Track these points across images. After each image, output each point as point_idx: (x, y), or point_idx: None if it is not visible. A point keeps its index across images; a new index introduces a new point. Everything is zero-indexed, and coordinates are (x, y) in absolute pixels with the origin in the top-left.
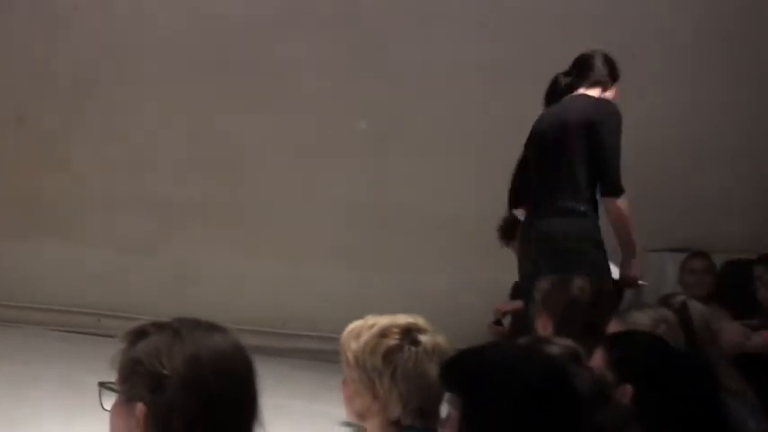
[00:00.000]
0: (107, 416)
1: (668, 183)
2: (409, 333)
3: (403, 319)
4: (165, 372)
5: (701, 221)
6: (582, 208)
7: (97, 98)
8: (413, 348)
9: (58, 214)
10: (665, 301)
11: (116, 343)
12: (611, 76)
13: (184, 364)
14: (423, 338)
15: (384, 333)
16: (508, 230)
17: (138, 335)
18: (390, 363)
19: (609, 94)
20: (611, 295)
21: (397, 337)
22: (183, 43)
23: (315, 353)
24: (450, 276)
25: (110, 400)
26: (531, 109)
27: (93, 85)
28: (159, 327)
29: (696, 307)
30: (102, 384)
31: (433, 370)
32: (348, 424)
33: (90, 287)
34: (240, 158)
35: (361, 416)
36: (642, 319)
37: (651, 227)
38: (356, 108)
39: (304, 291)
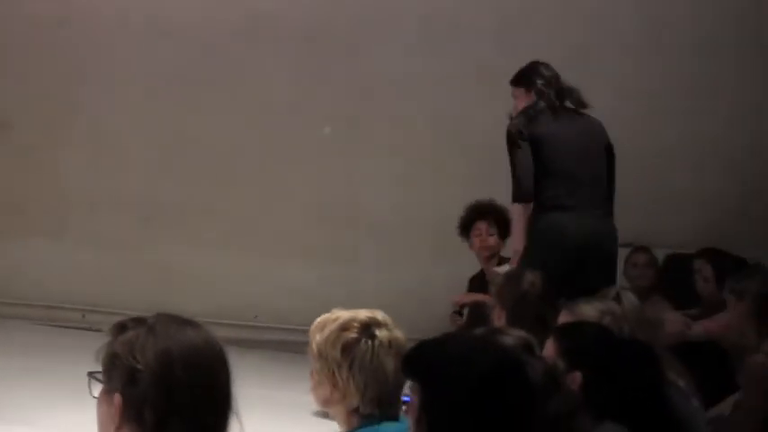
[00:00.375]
0: (87, 404)
1: (619, 185)
2: (368, 328)
3: (364, 314)
4: (139, 366)
5: (644, 218)
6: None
7: (80, 105)
8: (369, 342)
9: (45, 215)
10: (602, 294)
11: (100, 336)
12: None
13: (155, 359)
14: (380, 333)
15: (344, 327)
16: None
17: (120, 329)
18: (348, 355)
19: None
20: None
21: (356, 331)
22: (160, 52)
23: (285, 344)
24: (411, 271)
25: (98, 389)
26: (482, 114)
27: (77, 93)
28: (138, 322)
29: (629, 298)
30: (90, 374)
31: (389, 363)
32: (320, 412)
33: (75, 284)
34: (214, 162)
35: (326, 403)
36: (589, 311)
37: None
38: (322, 114)
39: (275, 286)
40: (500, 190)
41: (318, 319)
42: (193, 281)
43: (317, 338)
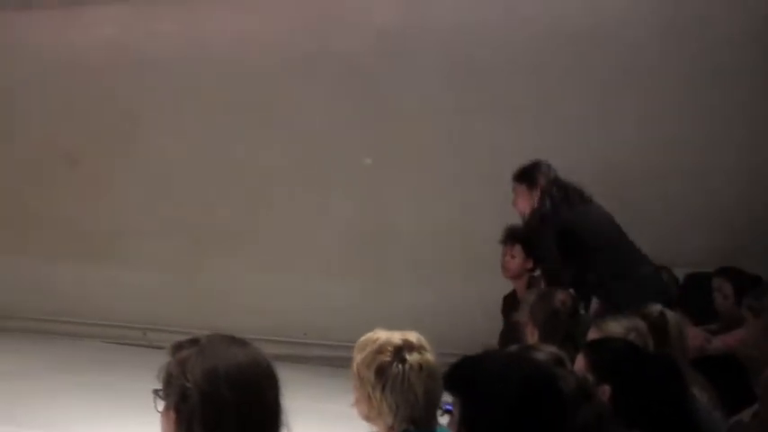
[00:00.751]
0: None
1: (638, 204)
2: (400, 351)
3: (398, 336)
4: (188, 384)
5: (663, 239)
6: None
7: (138, 139)
8: (401, 366)
9: (108, 241)
10: (643, 310)
11: (160, 354)
12: None
13: (203, 377)
14: (411, 357)
15: (380, 350)
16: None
17: (176, 349)
18: (381, 378)
19: None
20: None
21: (389, 354)
22: (209, 87)
23: (331, 359)
24: (445, 288)
25: (161, 405)
26: (505, 141)
27: (134, 128)
28: (192, 342)
29: (672, 315)
30: (154, 392)
31: (419, 385)
32: None
33: (136, 304)
34: (262, 188)
35: (366, 418)
36: (616, 328)
37: None
38: (357, 143)
39: (320, 304)
40: None
41: (361, 339)
42: (246, 300)
43: (356, 359)
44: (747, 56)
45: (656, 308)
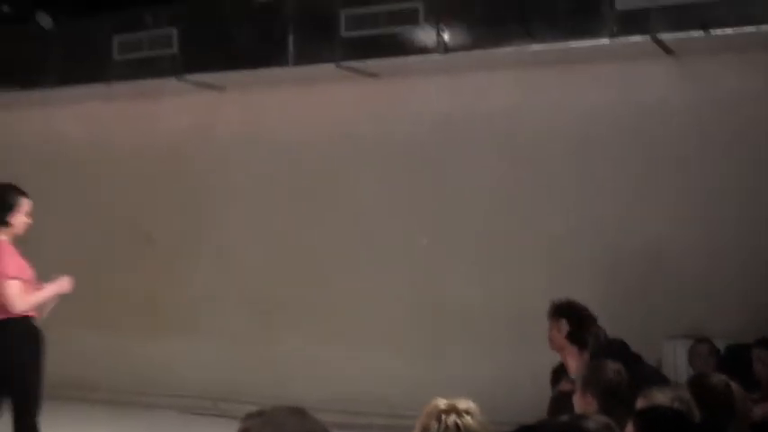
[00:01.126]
0: None
1: (677, 278)
2: (440, 414)
3: (445, 402)
4: None
5: (704, 311)
6: None
7: (208, 218)
8: (436, 426)
9: (181, 315)
10: (702, 380)
11: (230, 423)
12: None
13: None
14: (449, 419)
15: (427, 413)
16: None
17: (244, 420)
18: None
19: None
20: None
21: (433, 417)
22: (275, 171)
23: (392, 428)
24: (498, 360)
25: None
26: (552, 219)
27: (206, 209)
28: (259, 414)
29: (736, 386)
30: None
31: None
32: None
33: (208, 375)
34: (326, 264)
35: None
36: (661, 398)
37: (667, 317)
38: (413, 222)
39: (379, 374)
40: (581, 285)
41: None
42: (311, 371)
43: (416, 423)
44: None
45: (722, 378)
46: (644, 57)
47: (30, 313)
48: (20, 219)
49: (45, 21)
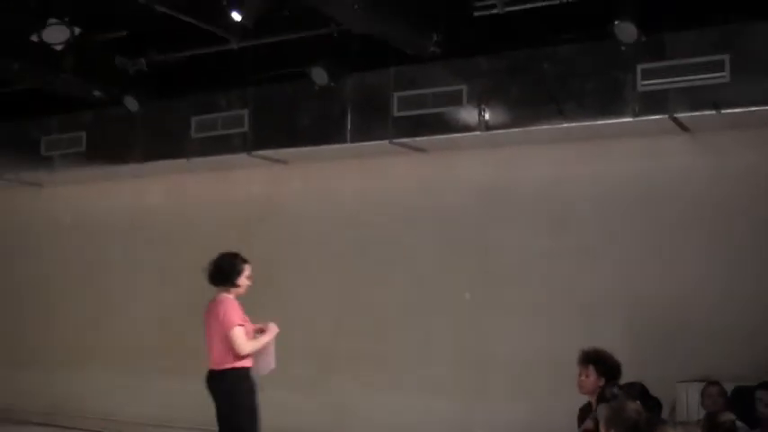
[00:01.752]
0: None
1: (692, 331)
2: None
3: None
4: None
5: (714, 357)
6: None
7: (275, 280)
8: None
9: None
10: (714, 417)
11: None
12: None
13: None
14: None
15: None
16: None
17: None
18: None
19: None
20: None
21: None
22: (333, 237)
23: None
24: (535, 403)
25: None
26: (584, 278)
27: (275, 268)
28: None
29: (742, 426)
30: None
31: None
32: None
33: (272, 415)
34: (380, 319)
35: None
36: None
37: (681, 363)
38: (459, 280)
39: (429, 418)
40: (608, 337)
41: None
42: (366, 414)
43: None
44: None
45: (730, 416)
46: (663, 133)
47: (246, 364)
48: (243, 281)
49: (132, 104)
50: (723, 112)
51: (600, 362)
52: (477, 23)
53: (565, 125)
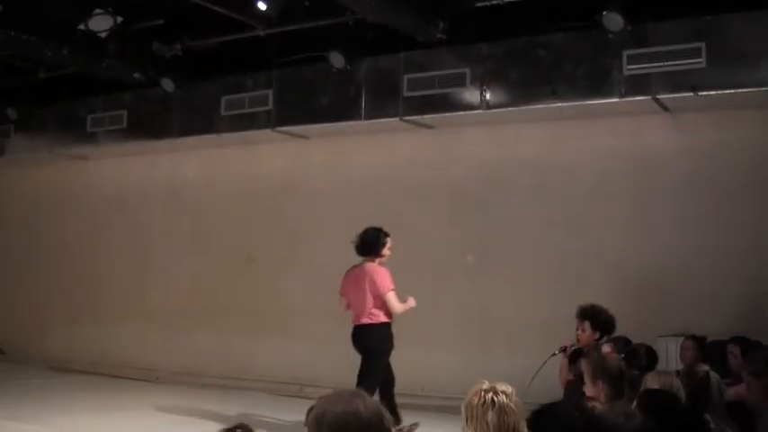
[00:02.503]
0: None
1: (672, 289)
2: (480, 392)
3: (488, 384)
4: (306, 427)
5: (691, 314)
6: None
7: (298, 246)
8: (476, 400)
9: (275, 319)
10: (690, 369)
11: (311, 403)
12: None
13: (313, 423)
14: (486, 396)
15: (473, 392)
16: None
17: (319, 399)
18: (465, 410)
19: None
20: None
21: (474, 394)
22: (352, 209)
23: (445, 408)
24: (530, 355)
25: None
26: (574, 246)
27: (296, 238)
28: (329, 395)
29: (714, 376)
30: None
31: (491, 416)
32: None
33: (295, 366)
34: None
35: None
36: (654, 383)
37: (660, 319)
38: (464, 247)
39: (436, 367)
40: (594, 295)
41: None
42: None
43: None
44: (751, 181)
45: (704, 368)
46: (646, 113)
47: (388, 320)
48: (386, 251)
49: (168, 85)
50: (700, 94)
51: (595, 317)
52: (480, 13)
53: (558, 105)
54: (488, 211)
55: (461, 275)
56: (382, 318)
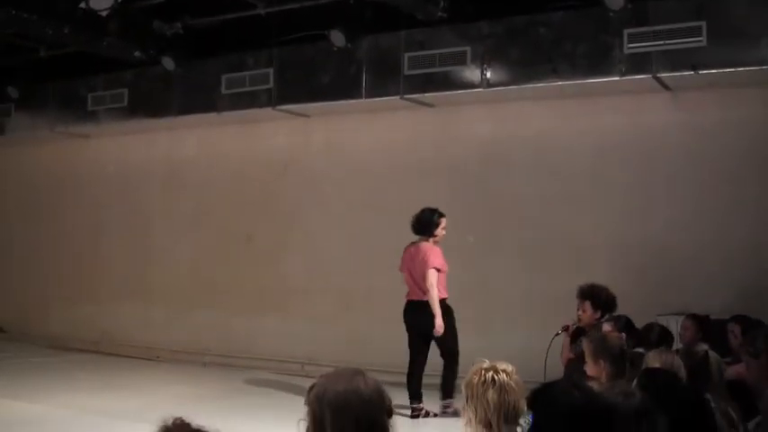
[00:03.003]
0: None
1: (675, 268)
2: (480, 371)
3: (489, 363)
4: (306, 405)
5: (691, 294)
6: None
7: (298, 223)
8: (477, 379)
9: (275, 298)
10: (689, 349)
11: (311, 381)
12: None
13: (314, 400)
14: (487, 374)
15: (473, 371)
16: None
17: (320, 377)
18: (466, 389)
19: None
20: None
21: (475, 373)
22: (352, 186)
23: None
24: (530, 331)
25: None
26: (572, 223)
27: (296, 215)
28: (330, 373)
29: (714, 356)
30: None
31: (491, 395)
32: None
33: (296, 345)
34: (391, 259)
35: (464, 426)
36: (656, 362)
37: (661, 298)
38: (462, 225)
39: (433, 344)
40: (595, 273)
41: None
42: (380, 343)
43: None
44: (752, 160)
45: (703, 348)
46: (647, 91)
47: (444, 295)
48: (440, 231)
49: (168, 64)
50: (700, 72)
51: (595, 297)
52: None
53: (558, 83)
54: (488, 190)
55: (461, 253)
56: (444, 292)
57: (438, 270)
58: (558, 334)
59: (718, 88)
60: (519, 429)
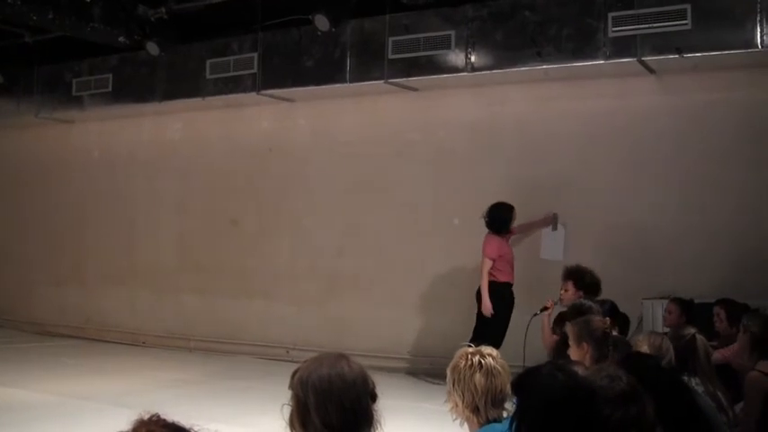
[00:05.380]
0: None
1: (658, 252)
2: (467, 355)
3: (475, 348)
4: (290, 390)
5: (676, 277)
6: None
7: (284, 207)
8: (463, 363)
9: (261, 283)
10: (677, 332)
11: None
12: None
13: (297, 385)
14: (473, 358)
15: (459, 355)
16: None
17: (305, 362)
18: (453, 373)
19: None
20: None
21: (463, 356)
22: (341, 169)
23: (425, 369)
24: (515, 317)
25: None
26: (559, 206)
27: (283, 199)
28: (314, 358)
29: (701, 339)
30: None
31: (478, 379)
32: None
33: (281, 329)
34: (376, 242)
35: (451, 410)
36: (644, 344)
37: (646, 282)
38: (447, 209)
39: (416, 328)
40: (582, 257)
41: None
42: (364, 327)
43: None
44: (737, 143)
45: (691, 330)
46: (631, 75)
47: (509, 280)
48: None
49: (153, 49)
50: (685, 56)
51: (579, 278)
52: None
53: (543, 67)
54: (474, 173)
55: (447, 236)
56: (502, 277)
57: (491, 260)
58: (536, 314)
59: (703, 71)
60: (505, 413)
